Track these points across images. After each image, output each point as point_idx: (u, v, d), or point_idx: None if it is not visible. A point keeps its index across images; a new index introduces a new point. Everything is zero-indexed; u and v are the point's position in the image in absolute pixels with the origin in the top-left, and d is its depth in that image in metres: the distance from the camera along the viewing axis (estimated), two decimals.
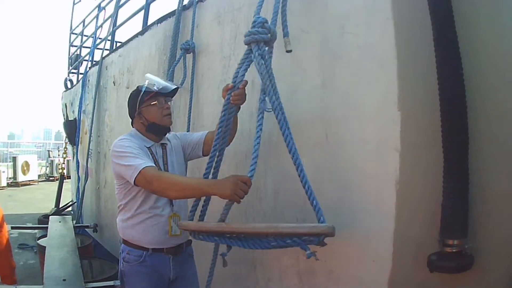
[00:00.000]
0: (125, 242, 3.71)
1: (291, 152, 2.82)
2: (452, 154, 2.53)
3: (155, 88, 3.60)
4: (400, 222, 2.66)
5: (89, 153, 9.52)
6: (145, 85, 3.64)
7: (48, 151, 26.56)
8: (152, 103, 3.62)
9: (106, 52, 9.25)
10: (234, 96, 3.13)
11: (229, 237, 3.04)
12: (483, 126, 2.62)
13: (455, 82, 2.52)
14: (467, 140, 2.54)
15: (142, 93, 3.62)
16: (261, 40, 2.94)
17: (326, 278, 3.17)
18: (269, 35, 2.96)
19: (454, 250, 2.54)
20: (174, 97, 3.83)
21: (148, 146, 3.58)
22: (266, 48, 3.01)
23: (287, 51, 3.04)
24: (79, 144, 10.71)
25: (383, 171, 2.72)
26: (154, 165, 3.33)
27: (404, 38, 2.64)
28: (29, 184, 21.48)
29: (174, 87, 3.70)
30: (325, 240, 2.61)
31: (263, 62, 2.93)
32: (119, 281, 4.69)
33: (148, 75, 3.78)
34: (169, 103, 3.71)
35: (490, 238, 2.69)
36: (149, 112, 3.63)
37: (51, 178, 23.61)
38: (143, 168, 3.23)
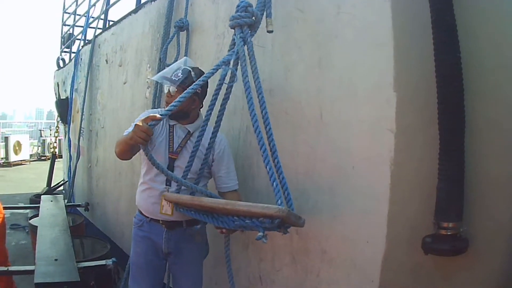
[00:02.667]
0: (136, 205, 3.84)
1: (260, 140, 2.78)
2: (448, 136, 2.52)
3: None
4: (395, 203, 2.65)
5: (81, 131, 9.53)
6: None
7: (40, 130, 26.39)
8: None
9: (99, 31, 9.19)
10: None
11: (203, 213, 3.09)
12: (480, 109, 2.61)
13: (452, 64, 2.50)
14: (464, 122, 2.53)
15: None
16: (244, 24, 2.97)
17: (319, 259, 3.17)
18: (252, 18, 2.97)
19: (449, 233, 2.54)
20: None
21: (171, 124, 3.62)
22: (250, 31, 3.02)
23: (268, 31, 3.05)
24: (71, 123, 10.67)
25: (378, 152, 2.70)
26: None
27: (401, 19, 2.62)
28: (21, 164, 21.38)
29: (161, 80, 3.58)
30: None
31: (242, 44, 2.95)
32: (110, 260, 4.71)
33: (184, 58, 3.72)
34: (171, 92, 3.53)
35: (485, 223, 2.69)
36: None
37: (43, 158, 23.51)
38: None
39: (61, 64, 13.25)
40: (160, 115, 2.86)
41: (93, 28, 9.99)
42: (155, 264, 3.76)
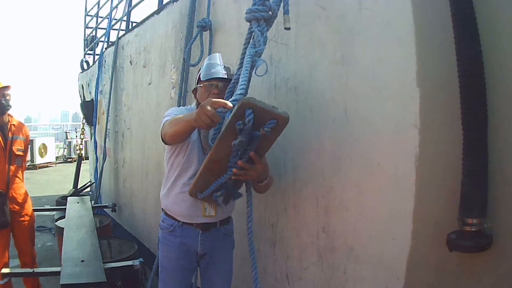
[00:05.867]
0: (162, 209, 3.80)
1: None
2: (471, 132, 2.50)
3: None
4: (420, 199, 2.65)
5: (107, 133, 9.62)
6: (205, 64, 3.60)
7: (66, 132, 26.58)
8: (200, 85, 3.58)
9: (121, 33, 9.23)
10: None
11: (217, 178, 3.07)
12: (503, 104, 2.57)
13: (473, 58, 2.48)
14: (486, 117, 2.51)
15: (199, 71, 3.63)
16: (261, 18, 2.91)
17: (345, 256, 3.18)
18: (269, 12, 2.91)
19: (473, 229, 2.52)
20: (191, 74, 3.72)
21: None
22: (266, 25, 2.96)
23: (286, 28, 2.99)
24: (97, 125, 10.76)
25: (403, 148, 2.70)
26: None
27: (422, 14, 2.62)
28: (47, 166, 21.58)
29: (217, 76, 3.49)
30: None
31: (260, 36, 2.90)
32: (137, 260, 4.72)
33: (215, 54, 3.71)
34: (218, 88, 3.47)
35: (509, 219, 2.65)
36: (199, 92, 3.59)
37: (68, 160, 23.73)
38: (164, 121, 3.32)
39: (85, 66, 13.35)
40: (231, 101, 2.66)
41: (116, 29, 10.04)
42: (187, 268, 3.75)
